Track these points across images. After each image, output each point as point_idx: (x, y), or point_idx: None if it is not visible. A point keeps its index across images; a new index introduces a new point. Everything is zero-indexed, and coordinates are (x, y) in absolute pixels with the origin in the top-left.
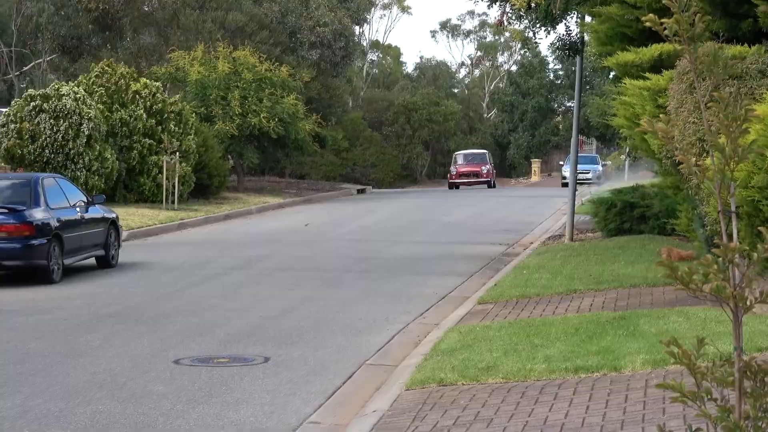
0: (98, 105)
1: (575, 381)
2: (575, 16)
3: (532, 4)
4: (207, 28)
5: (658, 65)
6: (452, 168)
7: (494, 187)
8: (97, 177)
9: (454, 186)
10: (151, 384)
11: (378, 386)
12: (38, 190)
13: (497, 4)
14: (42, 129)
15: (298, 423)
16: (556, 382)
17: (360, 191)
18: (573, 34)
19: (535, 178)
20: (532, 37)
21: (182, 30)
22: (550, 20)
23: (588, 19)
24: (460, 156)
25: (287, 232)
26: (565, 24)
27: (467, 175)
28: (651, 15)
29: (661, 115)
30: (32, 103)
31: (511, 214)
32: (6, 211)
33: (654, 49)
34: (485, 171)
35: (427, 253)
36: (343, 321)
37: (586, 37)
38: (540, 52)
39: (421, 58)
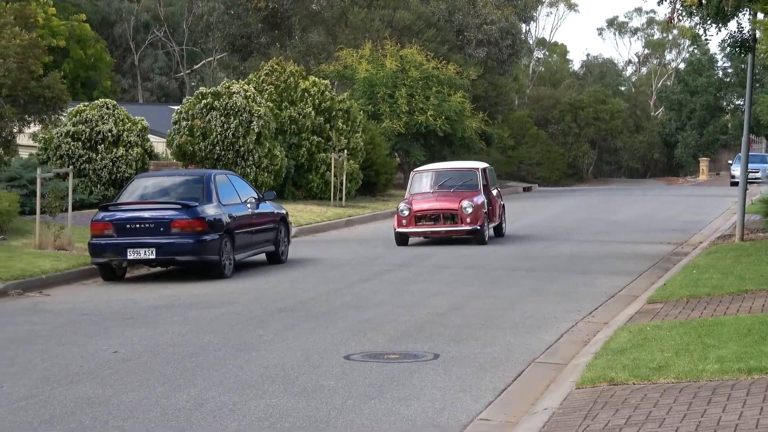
0: (268, 103)
1: (748, 382)
2: (747, 12)
3: (703, 1)
4: (375, 26)
5: None
6: (402, 205)
7: (502, 235)
8: (266, 174)
9: (402, 240)
10: (323, 379)
11: (547, 384)
12: (210, 187)
13: (667, 1)
14: (213, 126)
15: (469, 420)
16: (728, 383)
17: (526, 189)
18: (745, 32)
19: (702, 177)
20: (701, 34)
21: (350, 28)
22: (721, 17)
23: (761, 16)
24: (422, 177)
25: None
26: (737, 21)
27: (431, 217)
28: None
29: None
30: (203, 101)
31: (679, 213)
32: (179, 207)
33: None
34: (469, 209)
35: (595, 252)
36: (511, 319)
37: (758, 35)
38: (709, 50)
39: (587, 55)
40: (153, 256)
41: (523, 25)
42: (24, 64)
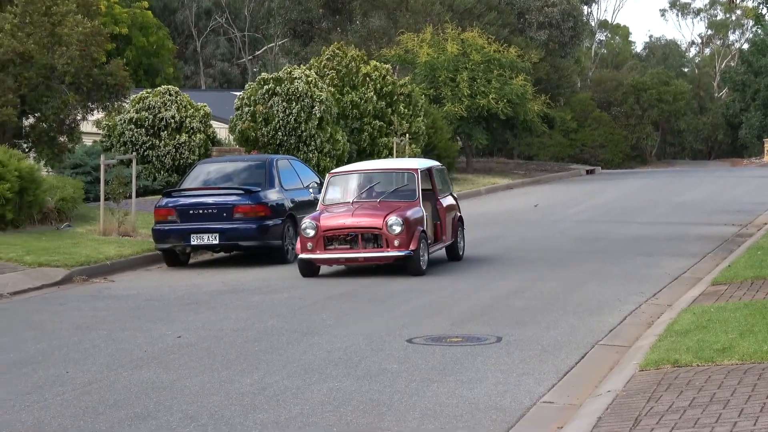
0: (329, 88)
1: None
2: None
3: None
4: (435, 10)
5: None
6: (306, 221)
7: (459, 258)
8: (328, 159)
9: (309, 270)
10: (386, 362)
11: (611, 366)
12: (273, 172)
13: None
14: (275, 112)
15: (532, 402)
16: None
17: (589, 172)
18: None
19: (767, 158)
20: (764, 14)
21: (411, 12)
22: None
23: None
24: (341, 182)
25: (516, 213)
26: None
27: (345, 239)
28: None
29: None
30: (265, 87)
31: (743, 194)
32: (242, 192)
33: None
34: (396, 227)
35: (658, 234)
36: (574, 301)
37: None
38: None
39: (650, 37)
40: (216, 242)
41: (585, 7)
42: (87, 52)
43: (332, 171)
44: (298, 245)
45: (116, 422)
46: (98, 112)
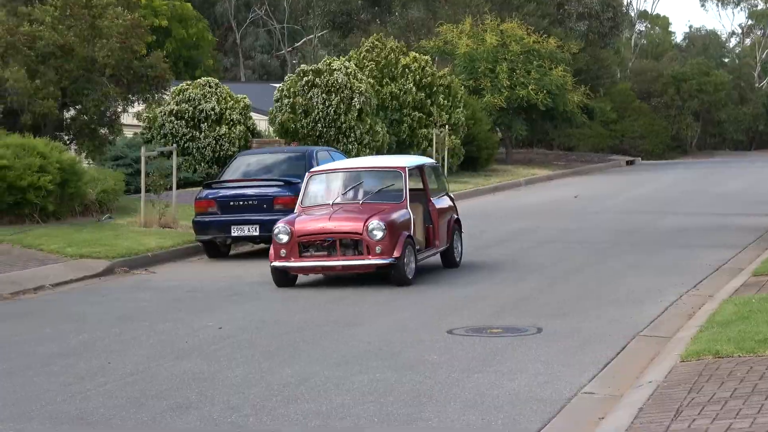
0: (369, 79)
1: None
2: None
3: None
4: (474, 1)
5: None
6: (279, 225)
7: (456, 264)
8: (368, 150)
9: (283, 280)
10: (426, 353)
11: (652, 357)
12: (312, 163)
13: None
14: (314, 103)
15: (573, 393)
16: None
17: (629, 163)
18: None
19: None
20: None
21: (450, 4)
22: None
23: None
24: (321, 181)
25: (556, 204)
26: None
27: (322, 245)
28: None
29: None
30: (305, 78)
31: None
32: (282, 183)
33: None
34: (378, 232)
35: (698, 225)
36: (614, 292)
37: None
38: None
39: (690, 27)
40: (257, 233)
41: None
42: (127, 44)
43: (312, 169)
44: (271, 252)
45: (158, 413)
46: (139, 104)
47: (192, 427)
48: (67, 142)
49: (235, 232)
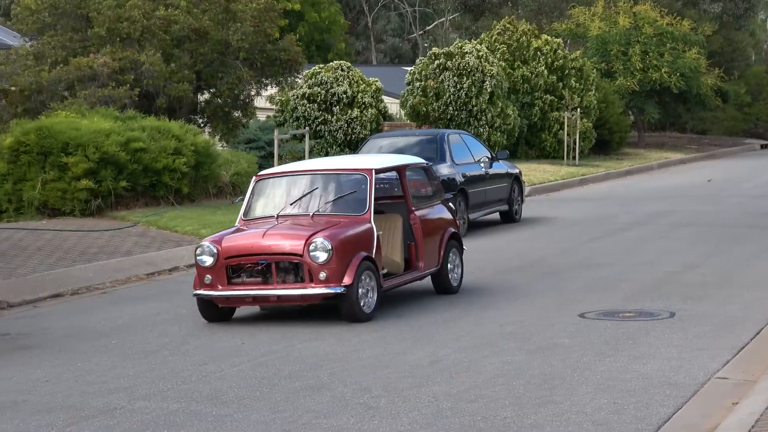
0: (500, 62)
1: None
2: None
3: None
4: None
5: None
6: (204, 244)
7: (453, 291)
8: (499, 133)
9: (209, 312)
10: (557, 337)
11: None
12: (444, 147)
13: None
14: (446, 86)
15: (706, 378)
16: None
17: (763, 146)
18: None
19: None
20: None
21: None
22: None
23: None
24: (269, 187)
25: (689, 188)
26: None
27: (255, 269)
28: None
29: None
30: (436, 62)
31: None
32: None
33: None
34: (322, 255)
35: None
36: (749, 277)
37: None
38: None
39: None
40: None
41: None
42: (260, 28)
43: (259, 173)
44: (195, 278)
45: (291, 393)
46: (271, 87)
47: (324, 408)
48: (201, 125)
49: None
